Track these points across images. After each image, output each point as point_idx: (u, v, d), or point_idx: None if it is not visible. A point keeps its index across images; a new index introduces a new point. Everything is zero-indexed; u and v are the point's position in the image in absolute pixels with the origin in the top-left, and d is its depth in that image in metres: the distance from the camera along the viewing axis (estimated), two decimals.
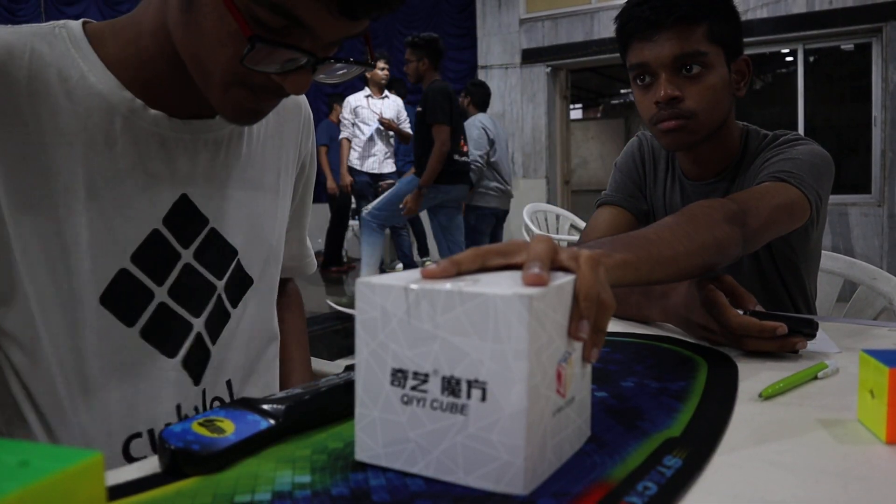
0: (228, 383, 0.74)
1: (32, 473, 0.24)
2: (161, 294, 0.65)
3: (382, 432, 0.44)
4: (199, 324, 0.69)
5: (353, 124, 5.03)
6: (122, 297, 0.63)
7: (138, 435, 0.64)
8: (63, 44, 0.61)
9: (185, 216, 0.67)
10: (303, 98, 0.84)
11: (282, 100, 0.64)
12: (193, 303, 0.68)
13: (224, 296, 0.72)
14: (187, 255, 0.67)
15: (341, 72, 0.63)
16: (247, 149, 0.74)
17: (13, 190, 0.58)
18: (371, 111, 5.00)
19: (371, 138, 5.05)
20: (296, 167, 0.83)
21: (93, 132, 0.61)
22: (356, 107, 5.01)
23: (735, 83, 1.08)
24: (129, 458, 0.64)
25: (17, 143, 0.58)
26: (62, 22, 0.63)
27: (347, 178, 5.08)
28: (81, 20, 0.65)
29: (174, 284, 0.66)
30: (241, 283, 0.74)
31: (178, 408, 0.67)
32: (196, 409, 0.70)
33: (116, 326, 0.63)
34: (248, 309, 0.75)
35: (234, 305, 0.73)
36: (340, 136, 5.14)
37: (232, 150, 0.72)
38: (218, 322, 0.71)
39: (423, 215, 4.88)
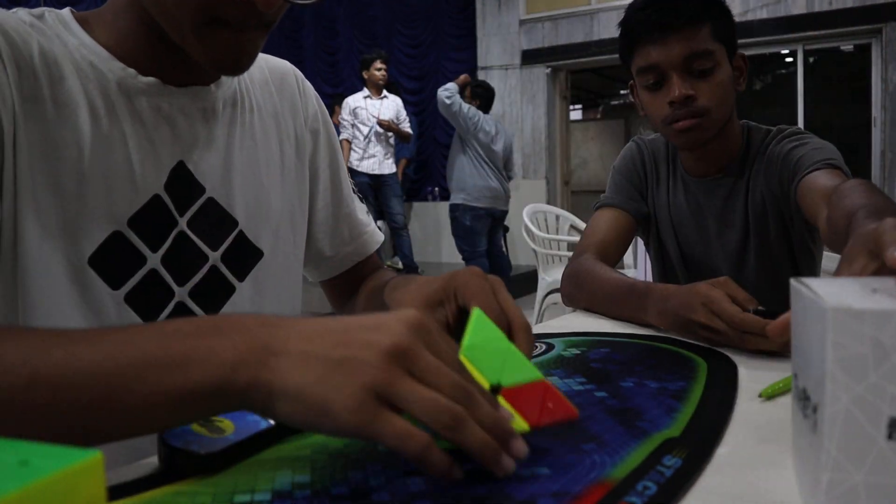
0: None
1: (32, 473, 0.24)
2: (154, 261, 0.66)
3: (870, 502, 0.35)
4: (181, 293, 0.68)
5: (353, 125, 5.04)
6: (111, 260, 0.63)
7: None
8: (56, 24, 0.64)
9: (182, 184, 0.68)
10: (290, 66, 0.84)
11: (263, 35, 0.62)
12: (181, 272, 0.68)
13: (223, 268, 0.71)
14: (182, 223, 0.68)
15: None
16: (242, 118, 0.74)
17: (25, 151, 0.59)
18: (369, 112, 5.00)
19: (369, 139, 5.05)
20: (302, 136, 0.82)
21: (92, 97, 0.63)
22: (355, 108, 5.01)
23: (735, 78, 1.12)
24: None
25: (34, 103, 0.60)
26: (49, 8, 0.66)
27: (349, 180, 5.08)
28: (68, 9, 0.67)
29: (167, 252, 0.66)
30: (246, 256, 0.73)
31: None
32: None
33: (101, 289, 0.63)
34: (262, 284, 0.75)
35: (241, 279, 0.73)
36: (340, 138, 5.14)
37: (228, 118, 0.72)
38: (214, 295, 0.71)
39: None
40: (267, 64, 0.82)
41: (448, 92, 4.43)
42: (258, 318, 0.44)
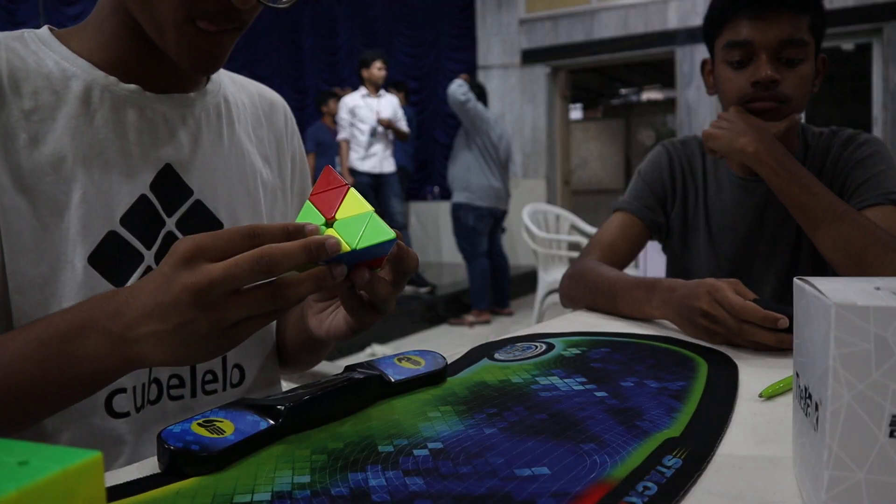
0: (224, 358, 0.73)
1: (32, 473, 0.24)
2: (149, 258, 0.67)
3: (871, 500, 0.36)
4: None
5: (351, 125, 5.03)
6: (111, 258, 0.64)
7: (122, 390, 0.65)
8: (34, 43, 0.66)
9: (170, 185, 0.69)
10: (280, 98, 0.88)
11: (236, 35, 0.64)
12: None
13: None
14: (171, 224, 0.69)
15: None
16: (230, 130, 0.76)
17: (3, 165, 0.61)
18: (369, 110, 5.00)
19: (371, 138, 5.05)
20: (287, 163, 0.84)
21: (72, 105, 0.65)
22: (353, 107, 5.01)
23: (813, 78, 1.11)
24: (112, 413, 0.64)
25: (2, 122, 0.62)
26: (28, 29, 0.68)
27: (349, 180, 5.07)
28: (46, 26, 0.69)
29: (159, 251, 0.68)
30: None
31: (150, 370, 0.67)
32: (180, 378, 0.70)
33: (104, 287, 0.64)
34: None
35: None
36: (338, 138, 5.13)
37: (214, 127, 0.74)
38: None
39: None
40: (257, 90, 0.85)
41: (463, 89, 4.44)
42: (103, 308, 0.51)
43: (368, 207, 0.54)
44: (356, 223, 0.53)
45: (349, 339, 0.63)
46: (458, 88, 4.44)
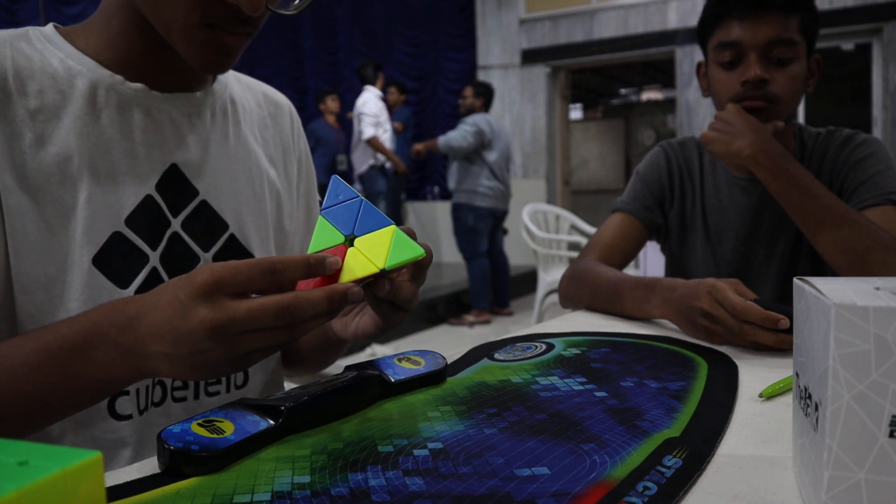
0: None
1: (31, 473, 0.24)
2: (154, 259, 0.67)
3: (871, 500, 0.36)
4: None
5: (377, 124, 5.07)
6: (115, 260, 0.64)
7: (125, 393, 0.65)
8: (38, 41, 0.66)
9: (176, 186, 0.69)
10: (286, 100, 0.87)
11: (247, 38, 0.64)
12: (177, 272, 0.68)
13: None
14: (176, 224, 0.69)
15: (296, 1, 0.64)
16: (236, 129, 0.76)
17: (7, 165, 0.60)
18: (384, 111, 5.09)
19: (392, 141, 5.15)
20: (293, 165, 0.84)
21: (77, 105, 0.64)
22: (382, 106, 5.09)
23: (806, 78, 1.11)
24: (115, 416, 0.64)
25: (8, 121, 0.61)
26: (33, 27, 0.67)
27: (402, 166, 5.15)
28: (51, 24, 0.69)
29: (164, 252, 0.67)
30: (239, 258, 0.74)
31: None
32: (183, 381, 0.69)
33: (108, 288, 0.63)
34: None
35: None
36: (368, 136, 5.12)
37: (217, 125, 0.74)
38: None
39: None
40: (263, 91, 0.84)
41: (461, 134, 4.52)
42: (112, 319, 0.51)
43: (389, 221, 0.53)
44: (379, 240, 0.52)
45: (376, 338, 0.64)
46: (455, 135, 4.52)
